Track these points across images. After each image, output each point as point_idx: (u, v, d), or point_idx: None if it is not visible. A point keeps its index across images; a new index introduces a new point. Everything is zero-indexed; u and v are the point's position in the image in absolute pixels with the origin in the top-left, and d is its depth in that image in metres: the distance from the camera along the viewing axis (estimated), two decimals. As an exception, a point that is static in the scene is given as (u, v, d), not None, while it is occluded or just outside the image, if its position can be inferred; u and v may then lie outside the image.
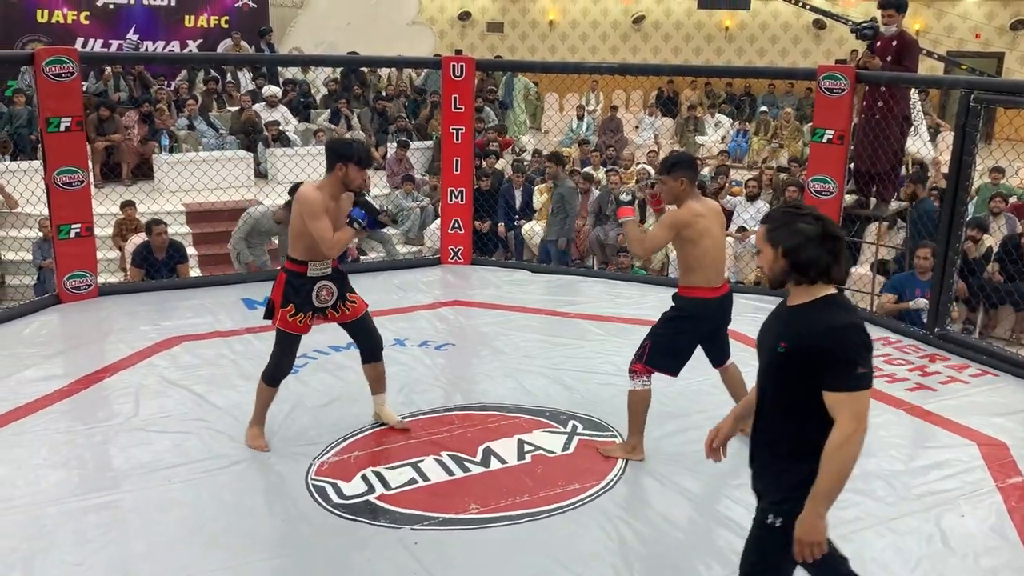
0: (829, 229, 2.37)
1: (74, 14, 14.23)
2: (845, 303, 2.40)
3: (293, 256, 3.98)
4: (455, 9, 18.88)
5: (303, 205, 3.83)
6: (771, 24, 18.48)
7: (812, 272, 2.35)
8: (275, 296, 4.00)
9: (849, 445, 2.28)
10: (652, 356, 3.99)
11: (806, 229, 2.35)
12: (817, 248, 2.34)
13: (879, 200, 6.82)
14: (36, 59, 5.78)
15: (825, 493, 2.35)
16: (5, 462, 3.93)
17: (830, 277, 2.37)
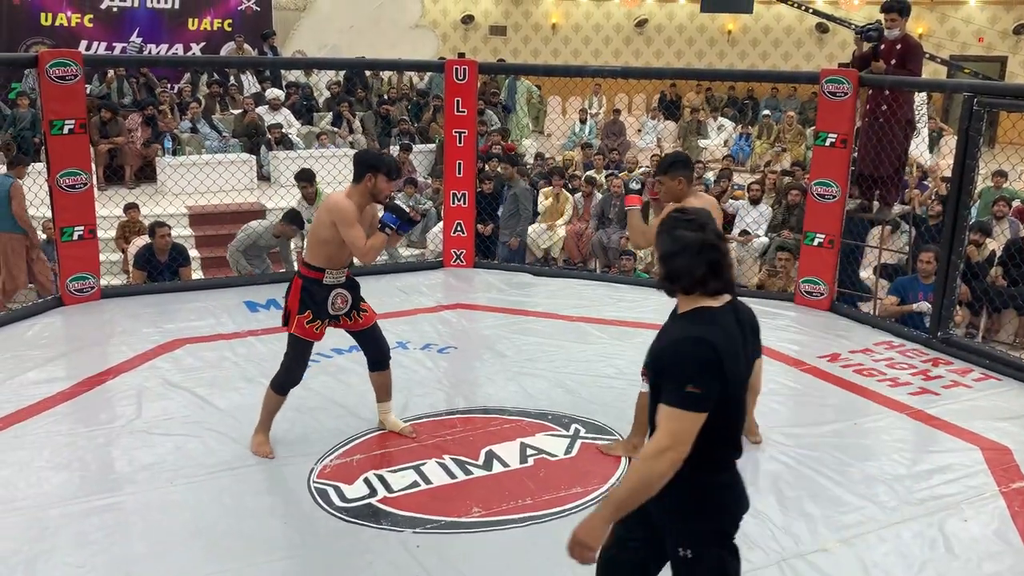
0: (708, 239, 2.22)
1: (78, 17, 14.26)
2: (710, 317, 2.22)
3: (311, 263, 3.97)
4: (458, 12, 18.90)
5: (336, 213, 3.84)
6: (774, 28, 18.49)
7: (684, 282, 2.23)
8: (291, 303, 3.97)
9: (655, 461, 2.11)
10: None
11: (683, 237, 2.23)
12: (692, 258, 2.20)
13: (882, 204, 6.81)
14: (40, 62, 5.79)
15: (615, 501, 2.18)
16: (7, 464, 3.93)
17: (706, 289, 2.23)
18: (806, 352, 5.58)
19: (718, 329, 2.20)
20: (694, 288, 2.23)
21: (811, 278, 6.47)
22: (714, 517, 2.31)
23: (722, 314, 2.25)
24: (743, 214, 9.13)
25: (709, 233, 2.24)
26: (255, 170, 10.64)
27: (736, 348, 2.23)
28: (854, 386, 5.07)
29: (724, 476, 2.32)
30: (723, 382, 2.16)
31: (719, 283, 2.23)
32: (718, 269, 2.22)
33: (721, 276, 2.24)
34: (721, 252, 2.25)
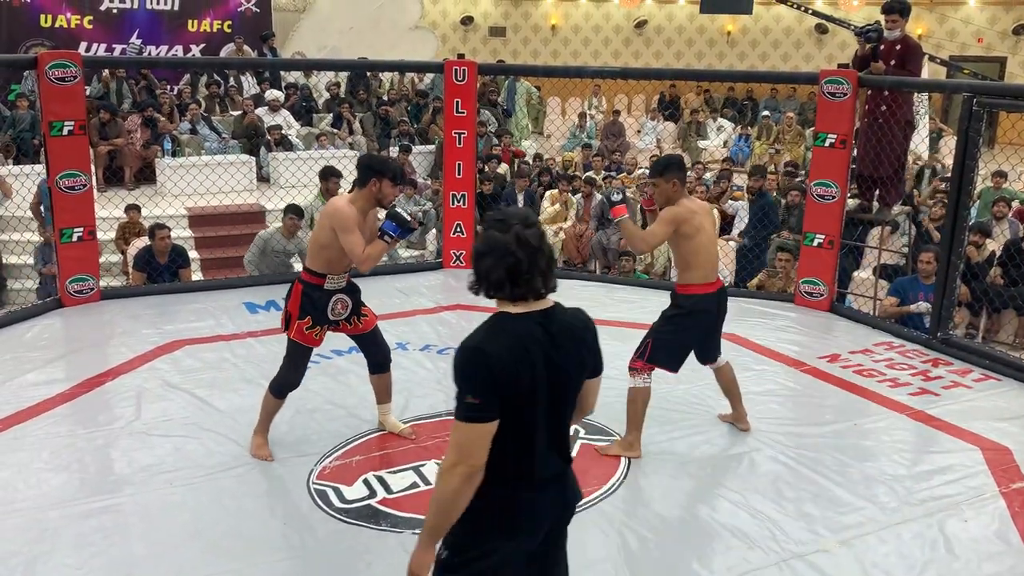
0: (509, 241, 2.09)
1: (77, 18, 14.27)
2: (502, 326, 2.12)
3: (311, 268, 3.96)
4: (457, 14, 18.90)
5: (335, 218, 3.80)
6: (773, 28, 18.49)
7: (483, 286, 2.14)
8: (292, 307, 3.94)
9: (447, 476, 2.05)
10: (654, 353, 4.07)
11: (490, 238, 2.12)
12: (492, 261, 2.09)
13: (882, 204, 6.82)
14: (39, 63, 5.79)
15: (427, 527, 2.14)
16: (7, 466, 3.93)
17: (503, 294, 2.12)
18: (806, 353, 5.58)
19: (504, 338, 2.09)
20: (492, 292, 2.13)
21: (811, 279, 6.46)
22: (506, 533, 2.18)
23: (519, 322, 2.12)
24: (743, 215, 9.13)
25: (512, 235, 2.09)
26: (255, 171, 10.64)
27: (528, 359, 2.08)
28: (854, 387, 5.06)
29: (523, 493, 2.17)
30: (501, 395, 2.05)
31: (519, 289, 2.11)
32: (516, 274, 2.09)
33: (519, 282, 2.10)
34: (523, 257, 2.09)
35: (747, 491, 3.85)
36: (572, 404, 2.25)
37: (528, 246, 2.10)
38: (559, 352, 2.14)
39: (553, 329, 2.15)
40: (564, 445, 2.26)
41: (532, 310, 2.14)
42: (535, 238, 2.13)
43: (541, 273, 2.12)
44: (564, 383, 2.18)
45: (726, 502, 3.76)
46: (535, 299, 2.14)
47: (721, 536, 3.51)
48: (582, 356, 2.23)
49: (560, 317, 2.19)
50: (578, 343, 2.22)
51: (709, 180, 10.29)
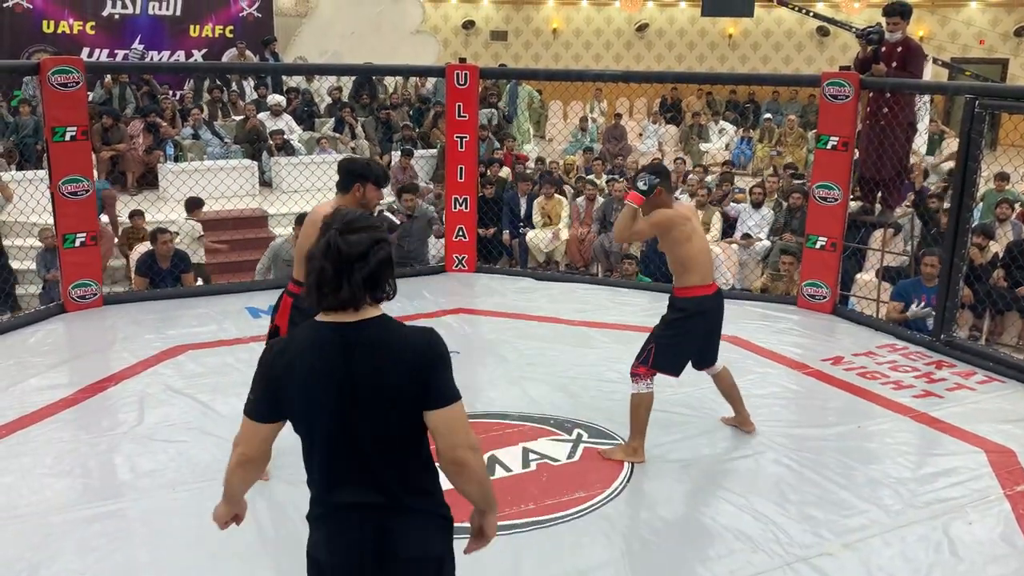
0: (319, 249, 1.99)
1: (80, 24, 14.32)
2: (301, 329, 2.09)
3: (300, 279, 3.73)
4: (459, 18, 18.93)
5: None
6: (775, 31, 18.50)
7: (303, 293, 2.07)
8: (280, 322, 3.82)
9: (231, 455, 2.18)
10: (657, 359, 4.08)
11: (319, 241, 2.00)
12: (309, 264, 2.00)
13: (884, 207, 6.81)
14: (42, 69, 5.81)
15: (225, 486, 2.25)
16: (10, 471, 3.93)
17: (313, 305, 2.03)
18: (809, 355, 5.57)
19: (292, 343, 2.05)
20: (305, 301, 2.04)
21: (813, 281, 6.46)
22: (312, 547, 2.13)
23: (313, 329, 2.03)
24: (745, 217, 9.13)
25: (332, 239, 1.97)
26: (257, 176, 10.66)
27: (314, 371, 1.99)
28: (857, 389, 5.05)
29: (317, 509, 2.11)
30: (272, 398, 2.04)
31: (313, 299, 1.99)
32: (318, 283, 1.97)
33: (315, 293, 1.98)
34: (323, 268, 1.96)
35: (750, 494, 3.84)
36: (379, 429, 2.01)
37: (338, 255, 1.96)
38: (351, 368, 1.98)
39: (354, 342, 1.99)
40: (380, 477, 2.03)
41: (339, 320, 2.00)
42: (354, 245, 1.96)
43: (355, 284, 1.96)
44: (354, 403, 1.99)
45: (729, 505, 3.75)
46: (354, 310, 1.99)
47: (725, 539, 3.50)
48: (387, 379, 1.98)
49: (372, 332, 2.00)
50: (389, 363, 1.99)
51: (711, 183, 10.29)
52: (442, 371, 2.03)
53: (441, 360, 2.04)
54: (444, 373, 2.04)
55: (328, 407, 1.99)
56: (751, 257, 8.78)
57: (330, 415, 2.00)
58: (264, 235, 9.17)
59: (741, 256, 8.80)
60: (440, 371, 2.03)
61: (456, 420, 2.04)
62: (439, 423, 2.02)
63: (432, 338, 2.05)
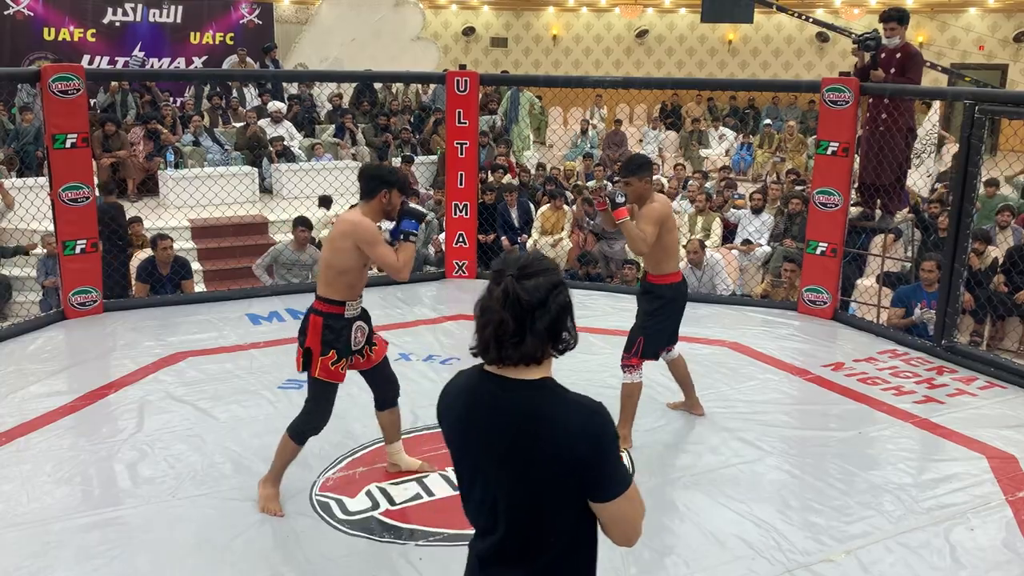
0: (496, 298, 1.80)
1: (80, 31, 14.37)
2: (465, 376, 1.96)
3: (330, 297, 3.60)
4: (459, 24, 18.97)
5: (359, 234, 3.50)
6: (775, 37, 18.54)
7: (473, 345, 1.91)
8: (312, 343, 3.57)
9: None
10: (647, 348, 4.30)
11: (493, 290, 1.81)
12: (483, 316, 1.83)
13: (884, 212, 6.81)
14: (42, 76, 5.81)
15: None
16: (10, 478, 3.93)
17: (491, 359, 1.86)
18: (810, 361, 5.57)
19: (454, 387, 1.93)
20: (479, 353, 1.84)
21: (814, 287, 6.45)
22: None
23: (475, 379, 1.89)
24: (745, 223, 9.13)
25: (498, 291, 1.77)
26: (257, 183, 10.67)
27: (467, 421, 1.86)
28: (858, 395, 5.05)
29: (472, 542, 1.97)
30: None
31: (493, 354, 1.81)
32: (498, 337, 1.78)
33: (491, 348, 1.80)
34: (503, 320, 1.76)
35: (751, 500, 3.83)
36: (523, 500, 1.81)
37: (518, 304, 1.77)
38: (507, 431, 1.80)
39: (518, 403, 1.81)
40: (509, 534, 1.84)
41: (504, 374, 1.84)
42: (533, 291, 1.77)
43: (537, 335, 1.79)
44: (501, 465, 1.81)
45: (730, 512, 3.74)
46: (534, 364, 1.84)
47: (726, 546, 3.49)
48: (545, 453, 1.77)
49: (538, 396, 1.83)
50: (553, 438, 1.78)
51: (711, 188, 10.30)
52: (613, 458, 1.81)
53: (613, 444, 1.82)
54: (614, 459, 1.82)
55: (475, 461, 1.86)
56: (751, 263, 8.78)
57: (474, 469, 1.87)
58: (264, 241, 9.17)
59: (741, 262, 8.80)
60: (612, 458, 1.81)
61: (628, 509, 1.82)
62: (609, 515, 1.81)
63: (605, 418, 1.85)
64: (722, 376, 5.25)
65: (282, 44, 15.28)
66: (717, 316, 6.48)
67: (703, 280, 7.86)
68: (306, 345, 3.58)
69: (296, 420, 3.67)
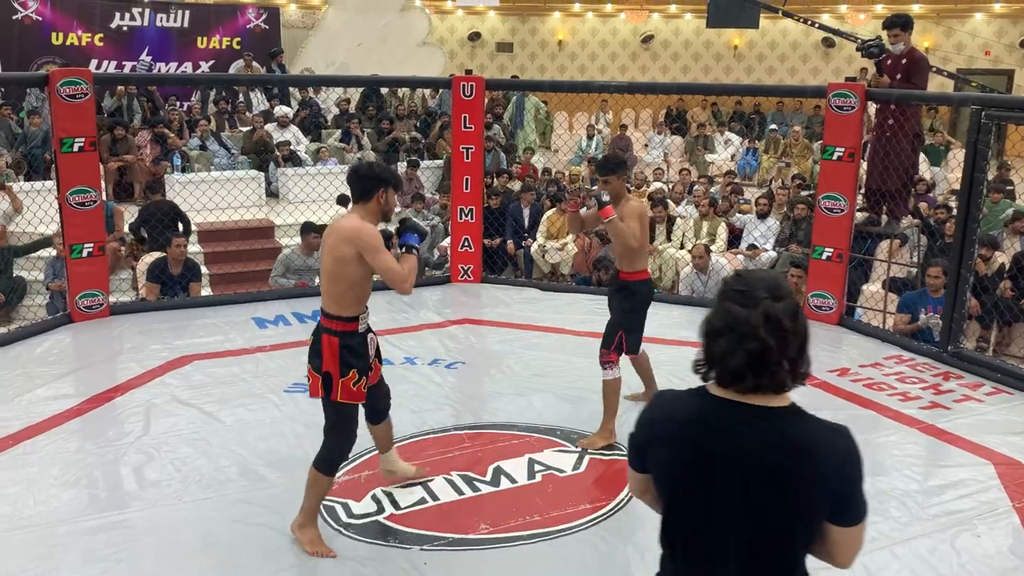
0: (757, 321, 1.73)
1: (88, 36, 14.43)
2: (689, 395, 1.85)
3: (341, 314, 3.33)
4: (465, 30, 19.00)
5: (361, 240, 3.25)
6: (780, 43, 18.53)
7: (715, 371, 1.80)
8: (330, 367, 3.31)
9: None
10: (629, 344, 4.40)
11: (730, 313, 1.75)
12: (734, 340, 1.75)
13: (890, 218, 6.80)
14: (51, 81, 5.84)
15: None
16: (17, 481, 3.94)
17: (743, 385, 1.77)
18: (815, 366, 5.47)
19: (666, 411, 1.81)
20: (728, 381, 1.73)
21: (820, 292, 6.45)
22: None
23: (701, 400, 1.76)
24: (751, 228, 9.12)
25: (757, 314, 1.70)
26: (263, 187, 10.71)
27: (697, 449, 1.75)
28: (864, 400, 5.04)
29: (668, 567, 1.90)
30: (644, 459, 1.84)
31: (748, 383, 1.72)
32: (755, 364, 1.71)
33: (746, 375, 1.71)
34: (767, 347, 1.70)
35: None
36: (758, 534, 1.77)
37: (780, 329, 1.71)
38: (748, 461, 1.71)
39: (765, 433, 1.72)
40: (749, 568, 1.81)
41: (745, 400, 1.74)
42: (790, 315, 1.74)
43: (789, 361, 1.74)
44: (737, 497, 1.73)
45: (736, 517, 3.73)
46: (776, 393, 1.75)
47: (731, 551, 3.49)
48: (795, 483, 1.71)
49: (789, 424, 1.74)
50: (806, 468, 1.71)
51: (716, 193, 10.29)
52: (861, 484, 1.78)
53: (861, 468, 1.78)
54: (861, 485, 1.78)
55: (711, 494, 1.75)
56: (757, 268, 8.78)
57: (708, 503, 1.76)
58: (271, 245, 9.19)
59: (747, 267, 8.80)
60: (860, 484, 1.77)
61: (860, 535, 1.82)
62: (844, 539, 1.81)
63: (853, 443, 1.77)
64: (727, 381, 5.24)
65: (289, 49, 15.32)
66: (722, 321, 6.46)
67: (708, 285, 7.86)
68: (324, 370, 3.32)
69: (322, 452, 3.41)
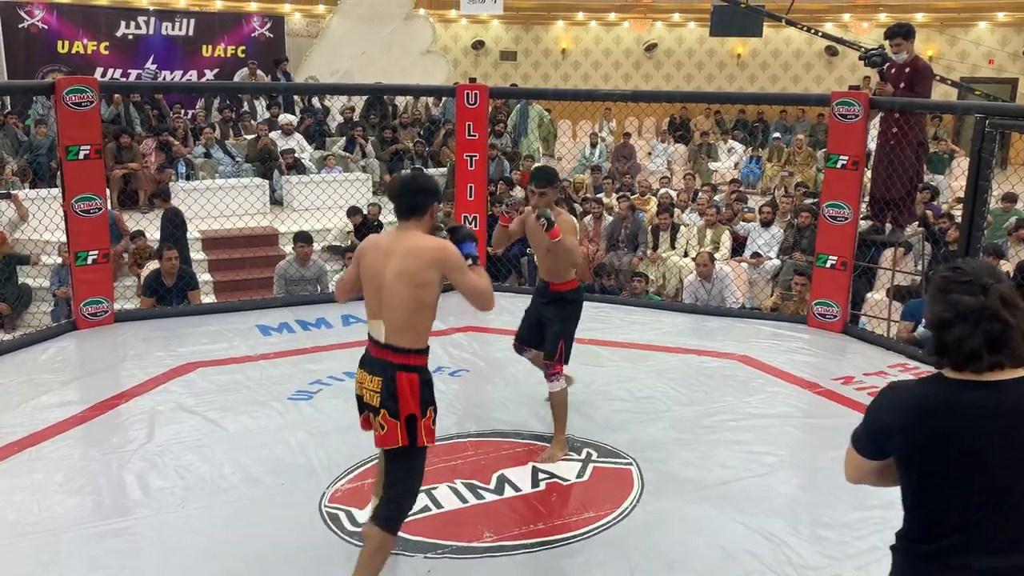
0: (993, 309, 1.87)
1: (94, 44, 14.51)
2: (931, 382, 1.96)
3: (417, 346, 3.00)
4: (468, 38, 19.06)
5: (449, 260, 2.98)
6: (783, 51, 18.56)
7: (952, 358, 1.91)
8: (413, 408, 2.95)
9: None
10: (568, 353, 4.38)
11: (960, 303, 1.88)
12: (967, 329, 1.88)
13: (894, 226, 6.80)
14: (56, 89, 5.87)
15: None
16: (21, 488, 3.94)
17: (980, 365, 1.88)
18: (820, 375, 5.55)
19: (910, 401, 1.92)
20: (964, 364, 1.87)
21: (824, 300, 6.44)
22: None
23: (943, 387, 1.89)
24: (755, 236, 9.12)
25: (995, 297, 1.85)
26: (268, 194, 10.74)
27: (970, 432, 1.84)
28: (869, 409, 5.02)
29: (919, 563, 1.96)
30: (883, 448, 1.95)
31: (998, 357, 1.85)
32: (999, 342, 1.84)
33: (1002, 350, 1.85)
34: (1014, 322, 1.84)
35: (762, 515, 3.81)
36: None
37: (1014, 306, 1.86)
38: (1000, 436, 1.83)
39: (1005, 406, 1.84)
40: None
41: (979, 379, 1.87)
42: (1016, 294, 1.88)
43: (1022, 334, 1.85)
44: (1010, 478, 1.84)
45: (740, 526, 3.73)
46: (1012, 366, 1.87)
47: (736, 560, 3.48)
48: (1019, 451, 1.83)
49: (1019, 393, 1.85)
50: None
51: (720, 201, 10.30)
52: None
53: None
54: None
55: (992, 476, 1.85)
56: (761, 276, 8.77)
57: (989, 483, 1.85)
58: (274, 253, 9.22)
59: (751, 275, 8.79)
60: None
61: None
62: None
63: None
64: (731, 389, 5.24)
65: (293, 57, 15.38)
66: (726, 329, 6.47)
67: (712, 293, 7.86)
68: (407, 413, 2.95)
69: (391, 510, 3.03)
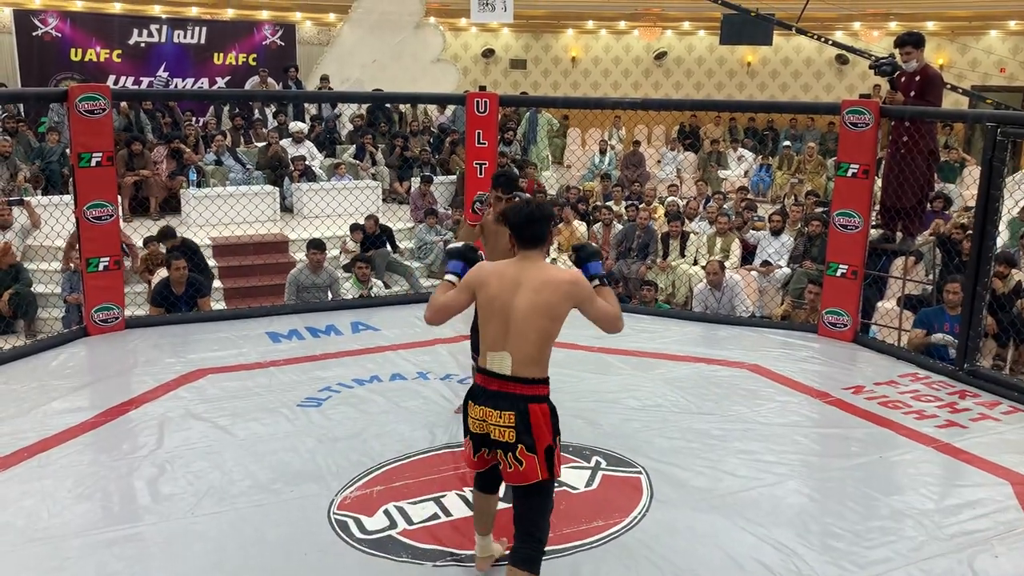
0: None
1: (107, 52, 14.62)
2: None
3: (542, 376, 2.95)
4: (479, 47, 19.11)
5: (584, 292, 2.95)
6: (793, 59, 18.54)
7: None
8: (549, 439, 2.90)
9: None
10: None
11: None
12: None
13: (905, 234, 6.77)
14: (70, 96, 5.91)
15: None
16: (31, 493, 3.96)
17: None
18: (830, 384, 5.53)
19: None
20: None
21: (834, 309, 6.41)
22: None
23: None
24: (765, 244, 9.10)
25: None
26: (278, 202, 10.78)
27: None
28: (879, 418, 5.00)
29: None
30: None
31: None
32: None
33: None
34: None
35: (771, 524, 3.79)
36: None
37: None
38: None
39: None
40: None
41: None
42: None
43: None
44: None
45: (750, 535, 3.71)
46: None
47: (745, 570, 3.46)
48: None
49: None
50: None
51: (730, 209, 10.28)
52: None
53: None
54: None
55: None
56: (771, 284, 8.74)
57: None
58: (285, 260, 9.25)
59: (761, 283, 8.77)
60: None
61: None
62: None
63: None
64: (741, 398, 5.22)
65: (304, 65, 15.46)
66: (736, 338, 6.45)
67: (722, 301, 7.84)
68: (547, 444, 2.89)
69: (533, 550, 2.95)
